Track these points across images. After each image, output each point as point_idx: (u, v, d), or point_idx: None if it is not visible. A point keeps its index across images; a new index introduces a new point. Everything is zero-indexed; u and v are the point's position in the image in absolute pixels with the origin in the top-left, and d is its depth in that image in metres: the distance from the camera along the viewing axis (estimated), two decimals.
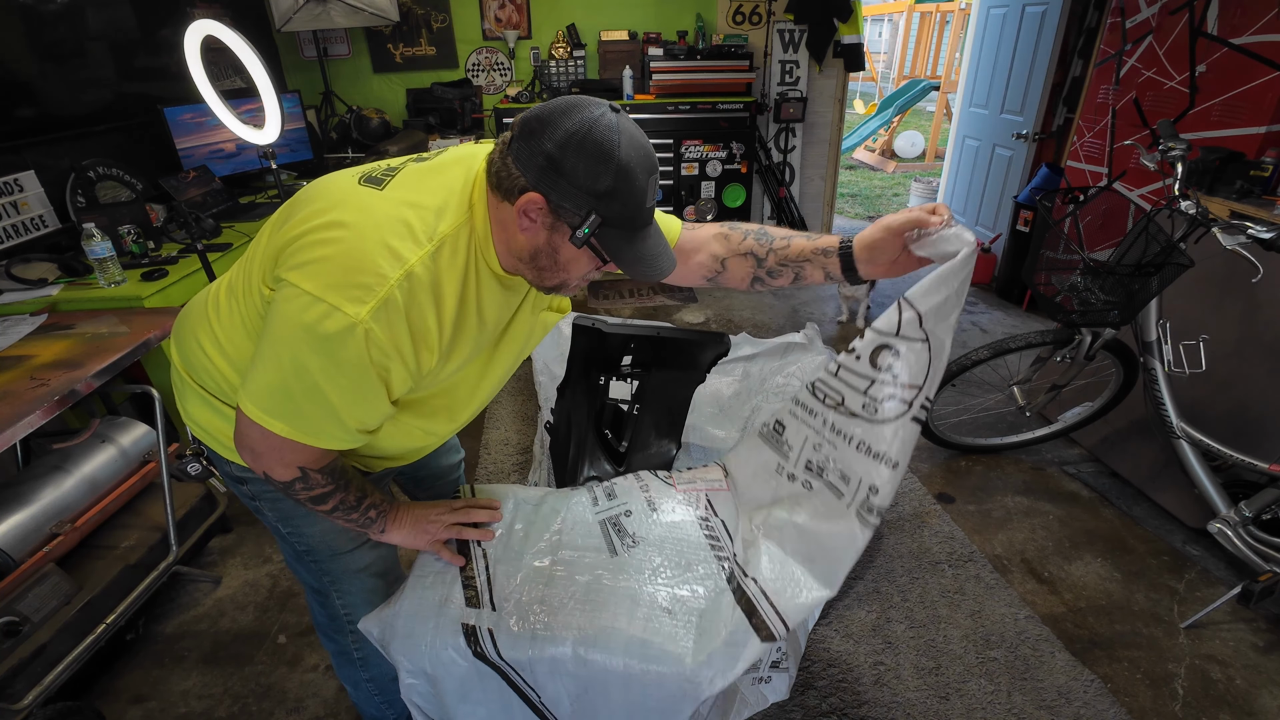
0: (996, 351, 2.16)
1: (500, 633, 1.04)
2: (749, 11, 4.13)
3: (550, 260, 0.85)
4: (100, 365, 1.56)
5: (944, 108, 7.74)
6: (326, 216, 0.81)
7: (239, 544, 2.12)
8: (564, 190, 0.77)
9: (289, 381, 0.80)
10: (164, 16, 2.94)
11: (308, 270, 0.78)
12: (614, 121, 0.77)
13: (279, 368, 0.80)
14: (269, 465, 0.88)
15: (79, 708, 1.41)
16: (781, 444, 1.22)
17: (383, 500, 1.05)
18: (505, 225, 0.84)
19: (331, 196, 0.84)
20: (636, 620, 1.05)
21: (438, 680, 1.07)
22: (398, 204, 0.82)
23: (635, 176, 0.78)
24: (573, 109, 0.77)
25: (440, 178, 0.87)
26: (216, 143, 3.01)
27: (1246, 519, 1.75)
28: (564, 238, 0.82)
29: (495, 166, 0.82)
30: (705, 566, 1.14)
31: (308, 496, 0.93)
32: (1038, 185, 3.53)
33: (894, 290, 4.05)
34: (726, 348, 2.20)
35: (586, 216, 0.79)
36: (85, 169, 2.46)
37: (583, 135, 0.76)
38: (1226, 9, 2.58)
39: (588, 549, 1.16)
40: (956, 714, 1.55)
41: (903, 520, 2.16)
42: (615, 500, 1.27)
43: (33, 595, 1.44)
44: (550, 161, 0.76)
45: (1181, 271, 1.74)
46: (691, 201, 4.17)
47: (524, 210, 0.80)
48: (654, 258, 0.86)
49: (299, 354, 0.78)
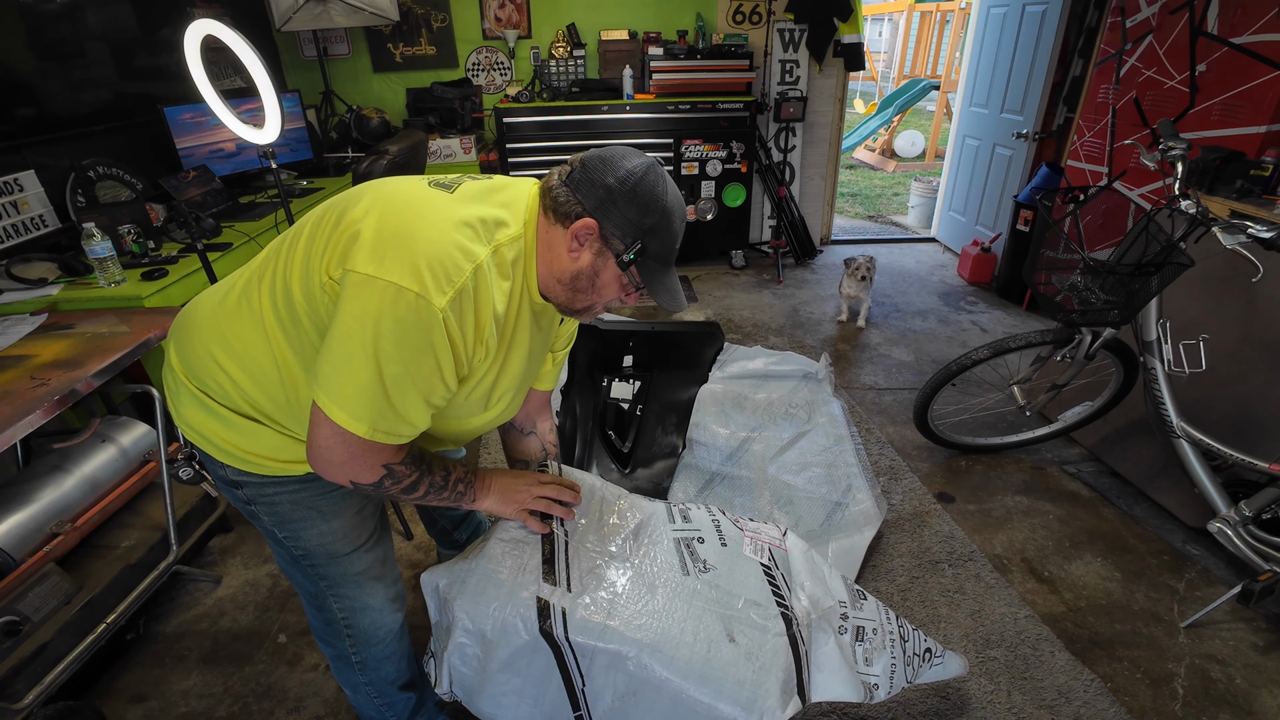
0: (996, 351, 2.16)
1: (573, 614, 1.06)
2: (749, 11, 4.13)
3: (589, 283, 0.96)
4: (100, 365, 1.56)
5: (944, 107, 7.74)
6: (402, 216, 0.85)
7: (239, 543, 2.12)
8: (616, 220, 0.90)
9: (376, 377, 0.82)
10: (164, 16, 2.94)
11: (389, 261, 0.81)
12: (661, 172, 0.94)
13: (366, 362, 0.81)
14: (353, 472, 0.90)
15: (79, 707, 1.41)
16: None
17: (467, 473, 1.09)
18: (552, 247, 0.94)
19: (402, 195, 0.89)
20: (700, 643, 1.07)
21: (492, 645, 1.09)
22: (465, 208, 0.89)
23: (674, 219, 0.94)
24: (628, 155, 0.93)
25: (501, 194, 0.95)
26: (216, 142, 3.01)
27: (1246, 518, 1.75)
28: (606, 262, 0.94)
29: (555, 192, 0.93)
30: (767, 610, 1.17)
31: (398, 490, 0.96)
32: (1038, 185, 3.53)
33: (894, 290, 4.05)
34: (721, 342, 2.21)
35: (632, 245, 0.92)
36: (85, 169, 2.46)
37: (639, 177, 0.90)
38: (1227, 8, 2.57)
39: (662, 561, 1.19)
40: (956, 713, 1.55)
41: (903, 520, 2.16)
42: (689, 524, 1.30)
43: (33, 595, 1.44)
44: (609, 194, 0.90)
45: (1181, 271, 1.74)
46: (692, 201, 4.17)
47: (577, 234, 0.91)
48: (677, 291, 1.00)
49: (382, 345, 0.80)
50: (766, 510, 2.10)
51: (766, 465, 2.27)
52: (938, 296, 3.96)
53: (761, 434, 2.42)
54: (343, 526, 1.11)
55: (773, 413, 2.56)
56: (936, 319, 3.66)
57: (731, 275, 4.35)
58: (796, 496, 2.14)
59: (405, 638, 1.32)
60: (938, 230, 4.96)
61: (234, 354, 0.96)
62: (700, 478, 2.24)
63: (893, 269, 4.43)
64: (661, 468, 2.24)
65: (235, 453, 1.01)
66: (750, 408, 2.60)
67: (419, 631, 1.78)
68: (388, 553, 1.23)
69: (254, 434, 1.00)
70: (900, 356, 3.25)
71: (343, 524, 1.11)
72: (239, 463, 1.02)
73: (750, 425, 2.48)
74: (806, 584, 1.29)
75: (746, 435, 2.41)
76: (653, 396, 2.27)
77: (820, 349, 3.30)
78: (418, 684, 1.38)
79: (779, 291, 4.07)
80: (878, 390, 2.95)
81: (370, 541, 1.17)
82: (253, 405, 0.98)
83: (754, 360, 2.87)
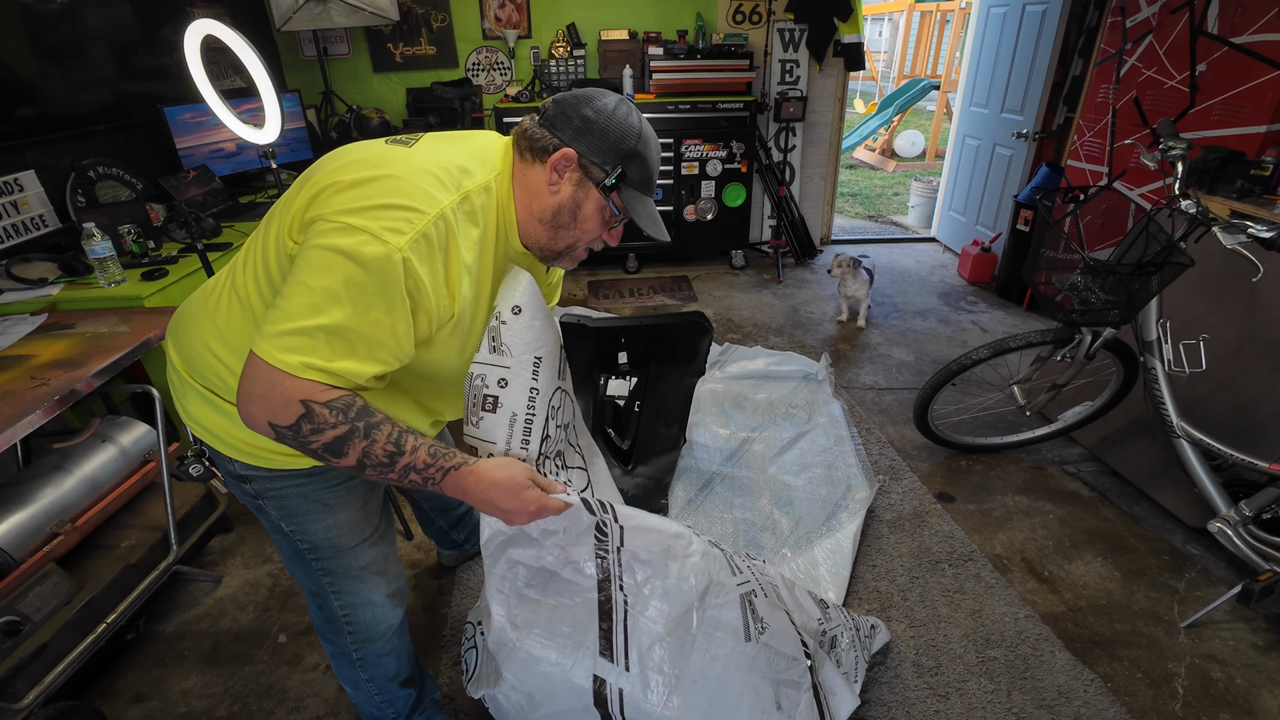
0: (996, 351, 2.16)
1: (630, 697, 1.05)
2: (749, 11, 4.13)
3: (570, 217, 0.96)
4: (100, 365, 1.56)
5: (944, 107, 7.73)
6: (361, 168, 0.85)
7: (239, 543, 2.12)
8: (594, 146, 0.92)
9: (316, 316, 0.78)
10: (164, 16, 2.94)
11: (344, 202, 0.81)
12: (634, 107, 0.96)
13: (311, 302, 0.78)
14: (272, 410, 0.79)
15: (79, 707, 1.41)
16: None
17: (429, 466, 0.87)
18: (530, 187, 0.95)
19: (359, 153, 0.89)
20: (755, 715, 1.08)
21: (538, 704, 1.08)
22: (425, 158, 0.88)
23: (651, 146, 0.96)
24: (602, 91, 0.95)
25: (463, 144, 0.95)
26: (216, 142, 3.01)
27: (1246, 518, 1.75)
28: (587, 192, 0.95)
29: (530, 132, 0.94)
30: (800, 665, 1.18)
31: (321, 444, 0.81)
32: (1038, 184, 3.52)
33: (894, 290, 4.05)
34: (710, 333, 2.19)
35: (613, 170, 0.93)
36: (85, 169, 2.46)
37: (613, 108, 0.93)
38: (1227, 8, 2.57)
39: (727, 626, 1.14)
40: (956, 713, 1.55)
41: (903, 519, 2.16)
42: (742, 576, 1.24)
43: (33, 595, 1.44)
44: (586, 123, 0.91)
45: (1182, 271, 1.74)
46: (692, 201, 4.17)
47: (555, 165, 0.92)
48: (654, 217, 1.00)
49: (331, 281, 0.78)
50: (767, 510, 2.10)
51: (767, 465, 2.28)
52: (938, 296, 3.96)
53: (762, 434, 2.42)
54: (348, 520, 1.12)
55: (773, 413, 2.56)
56: (936, 319, 3.66)
57: (731, 275, 4.35)
58: (797, 497, 2.15)
59: (405, 634, 1.32)
60: (938, 230, 4.96)
61: (229, 344, 0.96)
62: (700, 478, 2.24)
63: (893, 269, 4.42)
64: (663, 463, 2.24)
65: (243, 447, 1.01)
66: (750, 408, 2.60)
67: (417, 631, 1.78)
68: (391, 549, 1.23)
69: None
70: (900, 356, 3.25)
71: (348, 517, 1.11)
72: (247, 457, 1.02)
73: (750, 425, 2.48)
74: (797, 615, 1.29)
75: (747, 435, 2.42)
76: (650, 391, 2.27)
77: (820, 349, 3.29)
78: (417, 680, 1.38)
79: (779, 291, 4.07)
80: (878, 390, 2.95)
81: (375, 536, 1.17)
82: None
83: (754, 360, 2.87)
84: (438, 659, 1.71)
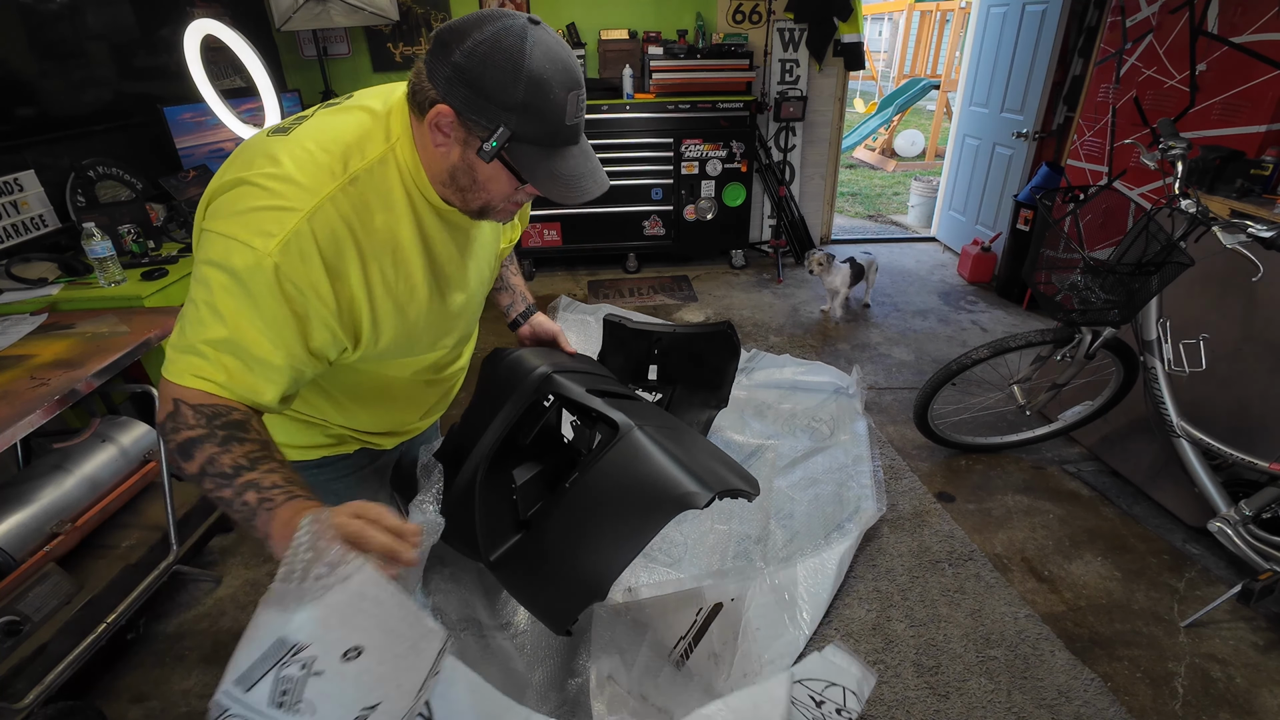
0: (996, 350, 2.16)
1: None
2: (749, 10, 4.13)
3: (469, 179, 0.82)
4: (100, 365, 1.56)
5: (944, 106, 7.73)
6: (233, 168, 0.79)
7: (239, 543, 2.12)
8: (471, 101, 0.74)
9: (198, 323, 0.75)
10: (164, 16, 2.94)
11: (216, 215, 0.76)
12: (527, 31, 0.73)
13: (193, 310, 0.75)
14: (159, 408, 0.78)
15: (80, 707, 1.41)
16: None
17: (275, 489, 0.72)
18: (425, 145, 0.82)
19: (239, 155, 0.81)
20: None
21: None
22: (302, 146, 0.78)
23: (550, 90, 0.75)
24: (486, 20, 0.74)
25: (348, 117, 0.83)
26: (216, 142, 3.01)
27: (1246, 518, 1.75)
28: (476, 153, 0.79)
29: (412, 81, 0.79)
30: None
31: (175, 444, 0.74)
32: (1038, 184, 3.52)
33: (894, 289, 4.05)
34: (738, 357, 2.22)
35: (494, 130, 0.75)
36: (85, 168, 2.46)
37: (490, 45, 0.72)
38: (1227, 8, 2.57)
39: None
40: (956, 712, 1.55)
41: (903, 519, 2.16)
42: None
43: (33, 595, 1.44)
44: (457, 71, 0.73)
45: (1181, 270, 1.74)
46: (692, 201, 4.17)
47: (434, 123, 0.77)
48: (574, 178, 0.81)
49: (208, 294, 0.74)
50: (764, 523, 2.03)
51: (774, 477, 2.20)
52: (938, 296, 3.96)
53: (775, 445, 2.35)
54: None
55: (793, 424, 2.49)
56: (936, 318, 3.66)
57: (731, 275, 4.35)
58: (798, 511, 2.08)
59: None
60: (938, 230, 4.96)
61: None
62: None
63: (893, 268, 4.42)
64: None
65: None
66: (772, 417, 2.53)
67: None
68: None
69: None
70: (900, 356, 3.25)
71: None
72: None
73: (766, 434, 2.41)
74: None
75: (760, 444, 2.35)
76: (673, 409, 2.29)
77: (821, 348, 3.30)
78: None
79: (779, 291, 4.07)
80: (878, 390, 2.95)
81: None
82: None
83: (783, 369, 2.79)
84: None
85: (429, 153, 0.81)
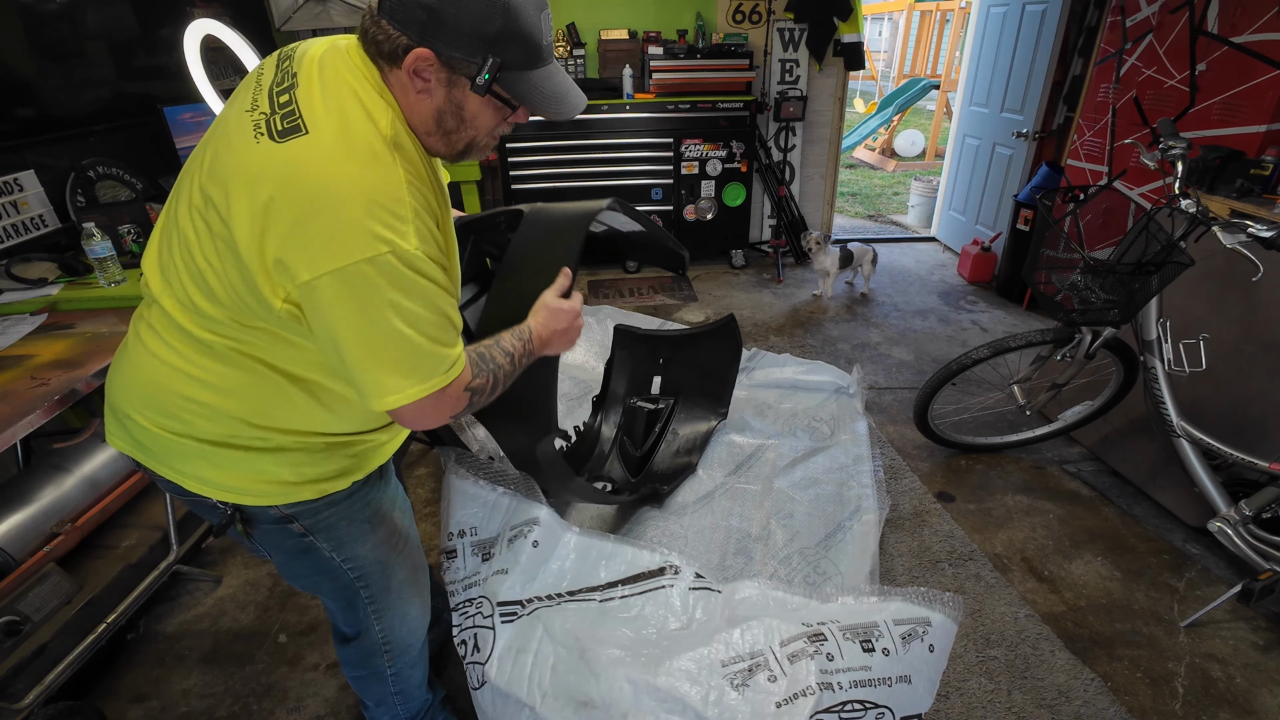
0: (997, 350, 2.16)
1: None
2: (749, 10, 4.13)
3: (456, 120, 0.82)
4: (101, 364, 1.56)
5: (944, 106, 7.73)
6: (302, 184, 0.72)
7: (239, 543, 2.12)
8: (451, 39, 0.74)
9: (408, 344, 0.76)
10: (164, 16, 2.94)
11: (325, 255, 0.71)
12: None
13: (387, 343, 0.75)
14: (446, 414, 0.86)
15: (80, 707, 1.41)
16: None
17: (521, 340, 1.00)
18: (405, 95, 0.80)
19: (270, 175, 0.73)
20: None
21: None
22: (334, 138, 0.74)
23: (525, 13, 0.76)
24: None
25: (334, 87, 0.77)
26: None
27: (1247, 517, 1.75)
28: (464, 90, 0.79)
29: (370, 34, 0.77)
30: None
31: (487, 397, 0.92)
32: (1038, 184, 3.52)
33: (894, 289, 4.05)
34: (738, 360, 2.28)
35: (484, 63, 0.76)
36: (85, 168, 2.46)
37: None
38: (1227, 7, 2.57)
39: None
40: (956, 713, 1.55)
41: (903, 519, 2.16)
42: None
43: (33, 595, 1.44)
44: (430, 14, 0.73)
45: (1182, 270, 1.74)
46: (692, 200, 4.17)
47: (414, 70, 0.76)
48: (565, 94, 0.84)
49: (388, 314, 0.74)
50: (764, 522, 2.03)
51: (774, 477, 2.20)
52: (938, 296, 3.96)
53: (776, 445, 2.35)
54: (388, 530, 1.10)
55: (794, 424, 2.49)
56: (936, 318, 3.66)
57: (731, 275, 4.35)
58: (798, 511, 2.07)
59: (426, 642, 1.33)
60: (938, 230, 4.96)
61: (207, 384, 0.86)
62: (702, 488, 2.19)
63: (893, 268, 4.42)
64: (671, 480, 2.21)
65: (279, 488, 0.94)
66: (773, 416, 2.54)
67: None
68: (418, 549, 1.22)
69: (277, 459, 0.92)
70: (900, 356, 3.25)
71: (388, 528, 1.10)
72: (290, 494, 0.95)
73: (767, 434, 2.41)
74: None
75: (760, 444, 2.36)
76: (673, 421, 2.32)
77: (821, 348, 3.30)
78: (432, 681, 1.40)
79: (779, 291, 4.07)
80: (878, 390, 2.95)
81: (404, 540, 1.16)
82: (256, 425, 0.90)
83: (783, 369, 2.79)
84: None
85: (409, 101, 0.80)
